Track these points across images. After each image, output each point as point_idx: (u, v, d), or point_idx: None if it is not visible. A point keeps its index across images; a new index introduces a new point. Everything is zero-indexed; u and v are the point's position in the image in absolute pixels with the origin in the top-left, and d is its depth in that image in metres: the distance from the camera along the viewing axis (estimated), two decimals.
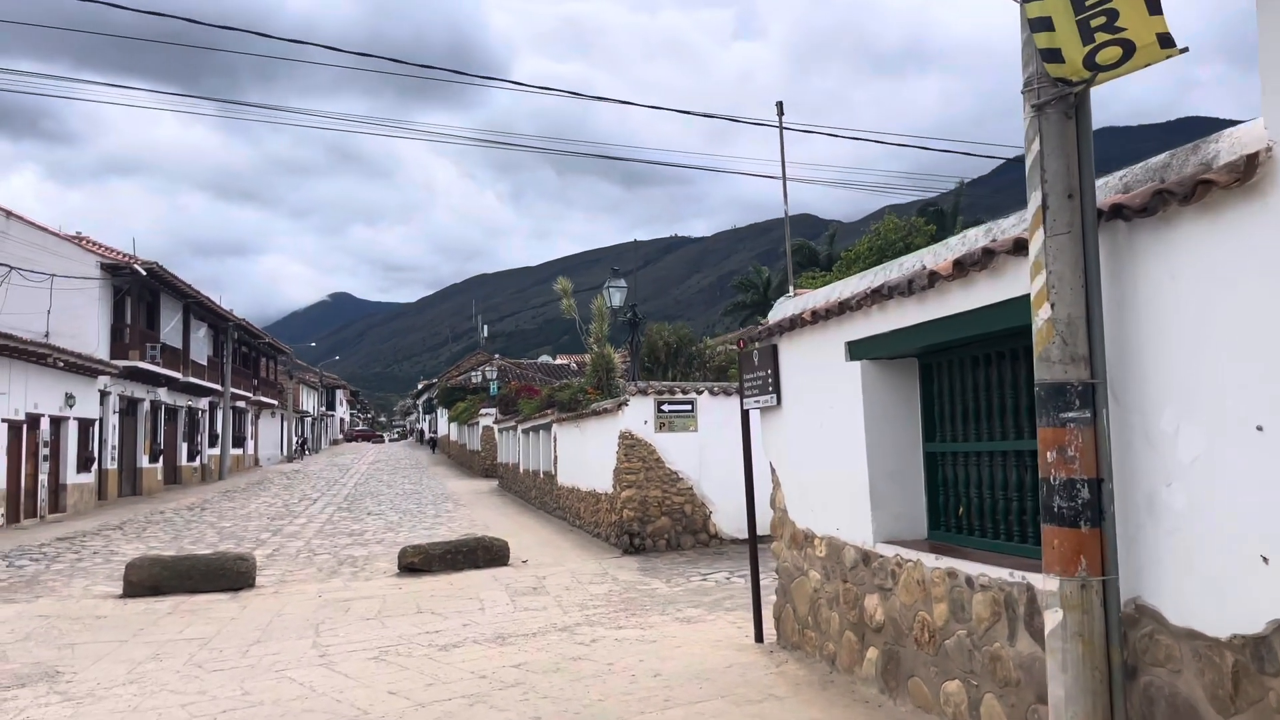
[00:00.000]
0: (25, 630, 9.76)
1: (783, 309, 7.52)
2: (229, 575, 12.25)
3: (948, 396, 5.80)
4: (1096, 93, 3.77)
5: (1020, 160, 3.97)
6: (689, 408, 14.67)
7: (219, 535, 19.03)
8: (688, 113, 13.20)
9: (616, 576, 12.37)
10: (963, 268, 4.80)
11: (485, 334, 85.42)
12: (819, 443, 6.79)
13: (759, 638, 7.88)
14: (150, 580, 11.94)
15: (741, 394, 8.06)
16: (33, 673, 7.97)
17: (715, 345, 25.68)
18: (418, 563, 13.10)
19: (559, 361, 62.61)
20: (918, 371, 6.10)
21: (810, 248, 66.15)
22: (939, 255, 5.31)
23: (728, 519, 14.65)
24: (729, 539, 14.67)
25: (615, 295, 15.30)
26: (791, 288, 7.96)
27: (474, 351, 72.39)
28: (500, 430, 32.41)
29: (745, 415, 8.09)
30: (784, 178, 8.03)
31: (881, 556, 5.94)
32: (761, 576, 8.68)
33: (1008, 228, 4.70)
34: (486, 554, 13.50)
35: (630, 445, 14.47)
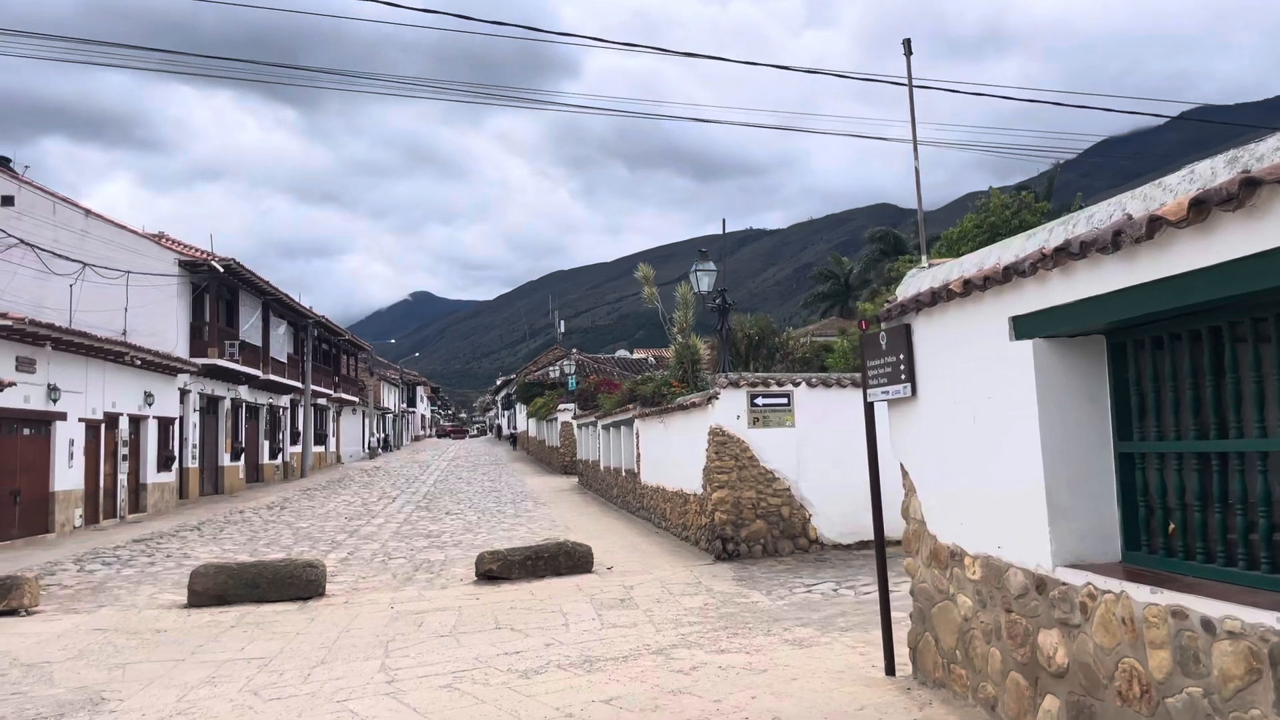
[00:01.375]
0: (79, 647, 9.08)
1: (917, 282, 6.34)
2: (298, 584, 11.50)
3: (1152, 382, 4.57)
4: (1189, 71, 2.55)
5: (1114, 140, 2.79)
6: (785, 401, 13.50)
7: (295, 537, 18.48)
8: (813, 71, 11.97)
9: (711, 587, 11.28)
10: (1203, 208, 3.59)
11: (562, 330, 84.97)
12: (971, 441, 5.61)
13: (890, 670, 6.72)
14: (216, 589, 11.25)
15: (865, 384, 6.90)
16: (76, 699, 7.22)
17: (799, 336, 24.44)
18: (496, 570, 12.20)
19: (637, 356, 61.74)
20: (1106, 352, 4.88)
21: (895, 235, 64.10)
22: (1151, 199, 4.09)
23: (829, 523, 13.45)
24: (831, 544, 13.47)
25: (703, 279, 14.17)
26: (925, 258, 6.77)
27: (551, 347, 71.99)
28: (579, 426, 31.59)
29: (869, 409, 6.92)
30: (913, 124, 6.84)
31: (1064, 584, 4.74)
32: (870, 590, 7.47)
33: (1267, 153, 3.48)
34: (569, 560, 12.54)
35: (721, 442, 13.37)
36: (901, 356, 6.37)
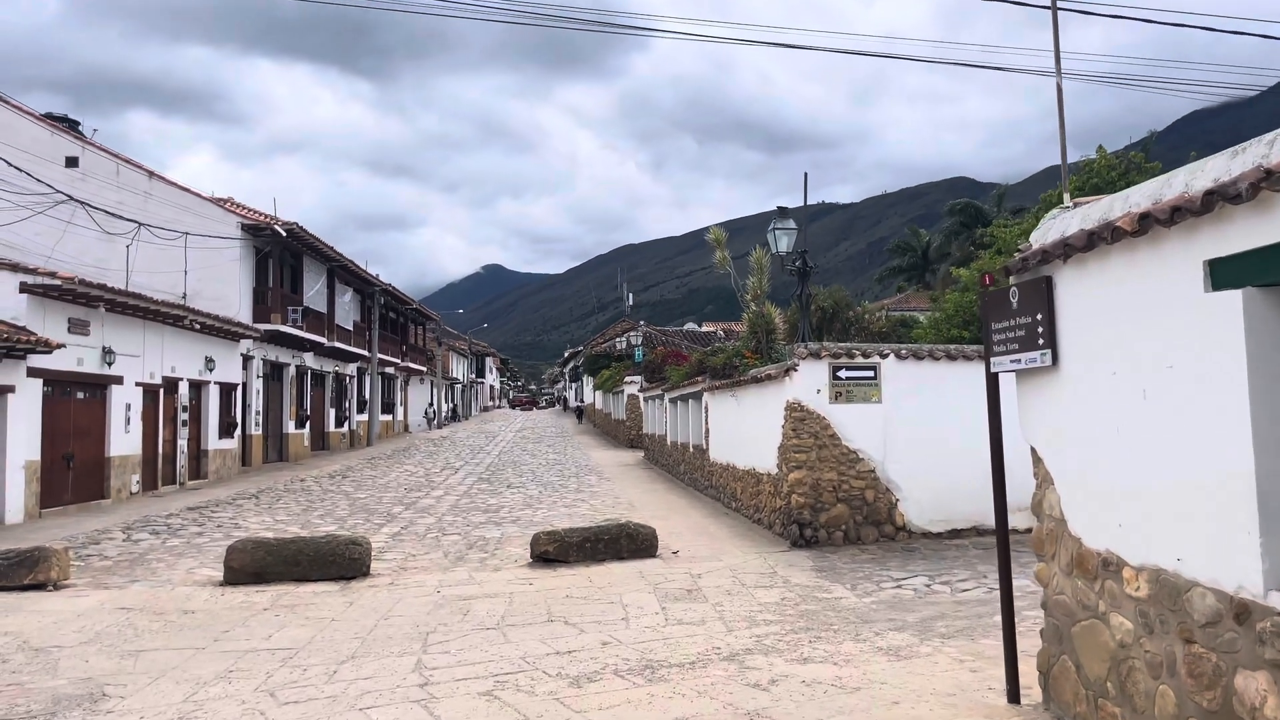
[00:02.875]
0: (96, 629, 8.36)
1: (1061, 223, 5.12)
2: (340, 562, 10.69)
3: None
4: None
5: (1203, 113, 1.59)
6: (871, 374, 12.27)
7: (351, 508, 17.84)
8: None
9: (788, 578, 10.17)
10: None
11: (630, 303, 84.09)
12: (1139, 421, 4.40)
13: (1014, 697, 5.56)
14: (253, 566, 10.50)
15: (988, 351, 5.70)
16: (74, 694, 6.43)
17: (874, 310, 23.05)
18: (552, 552, 11.26)
19: (706, 329, 60.53)
20: None
21: (976, 206, 61.62)
22: None
23: (918, 508, 12.22)
24: (919, 532, 12.24)
25: (782, 239, 12.92)
26: (1066, 196, 5.53)
27: (619, 320, 71.10)
28: (646, 399, 30.60)
29: (993, 382, 5.73)
30: (1058, 58, 5.59)
31: None
32: (969, 587, 6.22)
33: None
34: (631, 543, 11.53)
35: (799, 418, 12.20)
36: (1039, 317, 5.17)
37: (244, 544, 10.70)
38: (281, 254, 28.57)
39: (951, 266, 33.42)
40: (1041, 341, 5.15)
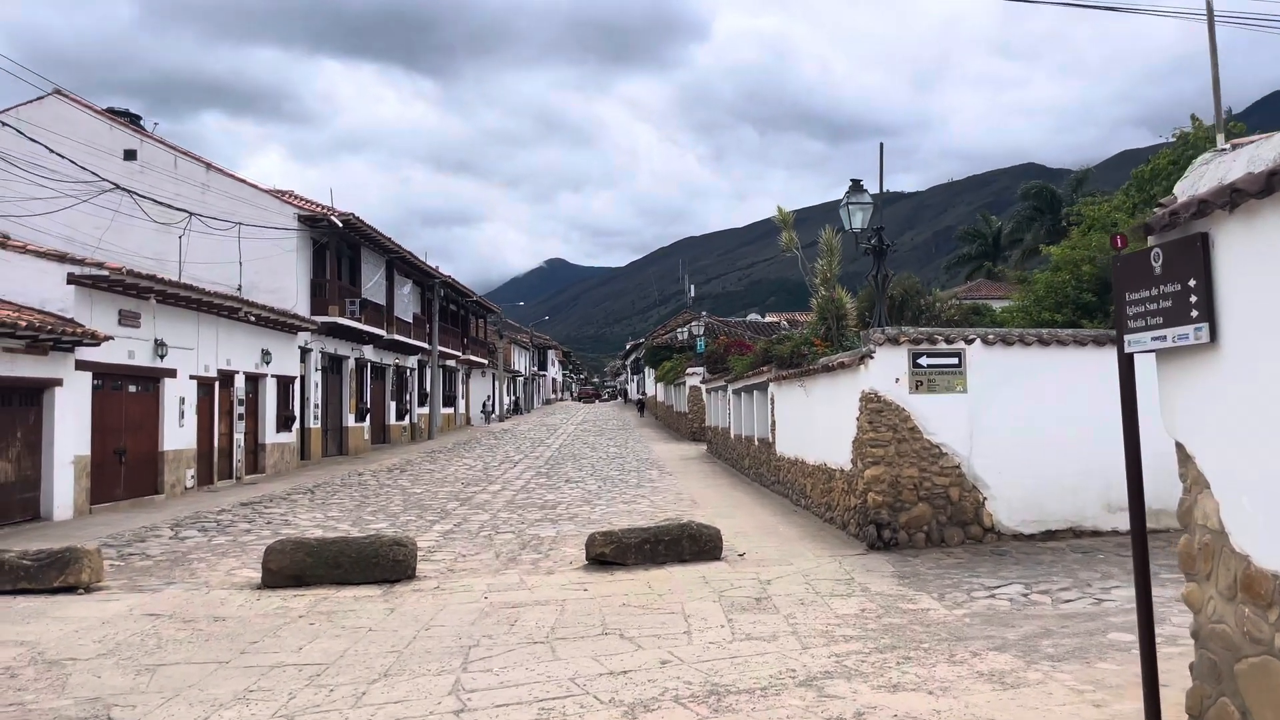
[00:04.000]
0: (118, 639, 7.78)
1: (1219, 169, 4.16)
2: (384, 564, 10.04)
3: None
4: None
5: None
6: (955, 361, 11.25)
7: (405, 503, 17.30)
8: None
9: (867, 586, 9.25)
10: None
11: (692, 294, 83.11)
12: None
13: None
14: (293, 568, 9.90)
15: (1120, 328, 4.74)
16: (78, 716, 5.82)
17: (945, 298, 21.87)
18: (609, 554, 10.48)
19: (769, 319, 59.33)
20: None
21: (1051, 191, 59.43)
22: None
23: (1008, 508, 11.18)
24: (1010, 534, 11.20)
25: (856, 214, 11.87)
26: (1220, 138, 4.55)
27: (681, 311, 70.22)
28: (708, 391, 29.71)
29: (1126, 363, 4.77)
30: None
31: None
32: (1071, 598, 5.25)
33: None
34: (693, 544, 10.70)
35: (876, 409, 11.23)
36: (1192, 283, 4.21)
37: (283, 545, 10.11)
38: (339, 245, 28.25)
39: (1042, 245, 31.88)
40: (1195, 314, 4.19)
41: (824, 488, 13.55)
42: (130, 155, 25.18)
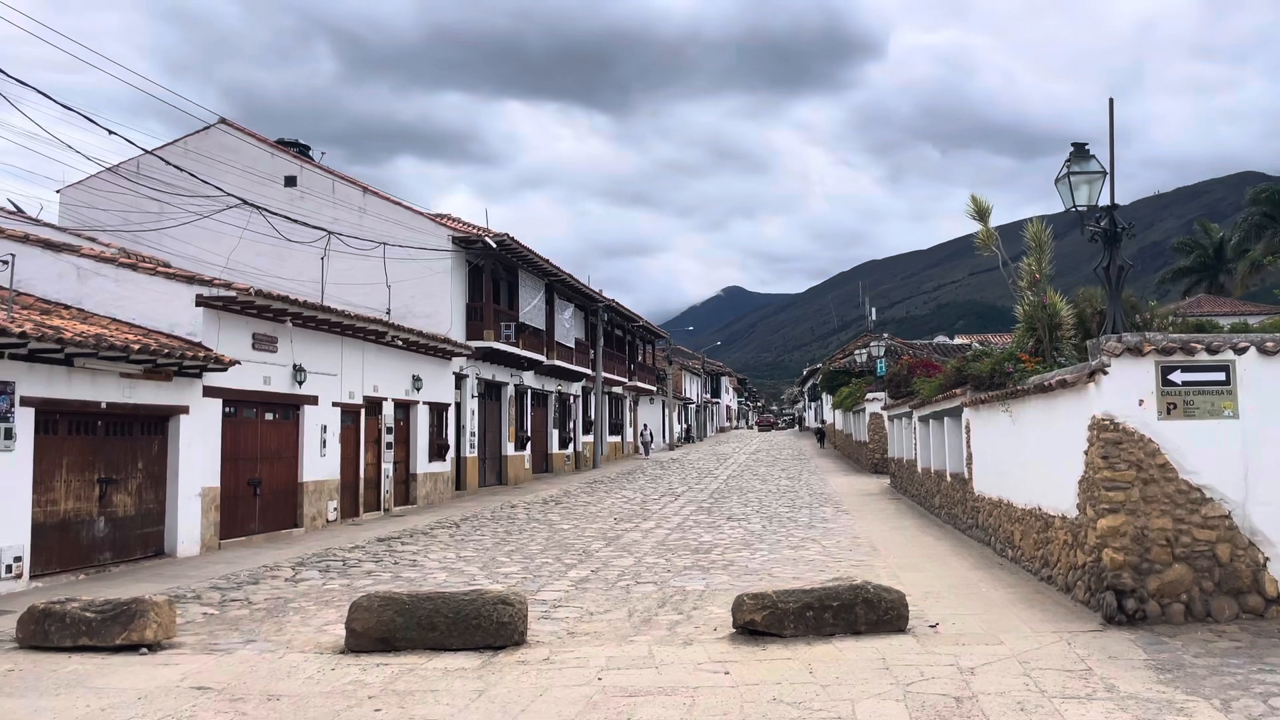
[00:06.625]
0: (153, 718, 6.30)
1: None
2: (485, 627, 8.28)
3: None
4: None
5: None
6: (1221, 377, 8.53)
7: (546, 543, 15.67)
8: None
9: (1112, 682, 6.73)
10: None
11: (873, 318, 79.37)
12: None
13: None
14: (380, 629, 8.28)
15: None
16: None
17: (1165, 314, 18.48)
18: (760, 622, 8.33)
19: (958, 341, 55.29)
20: None
21: None
22: None
23: None
24: None
25: (1080, 189, 9.24)
26: None
27: (861, 335, 66.83)
28: (890, 418, 26.91)
29: None
30: None
31: None
32: None
33: None
34: (869, 612, 8.41)
35: (1113, 441, 8.63)
36: None
37: (370, 601, 8.50)
38: (495, 268, 27.31)
39: (1272, 256, 27.64)
40: None
41: (1038, 538, 10.90)
42: (290, 181, 25.11)
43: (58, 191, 25.20)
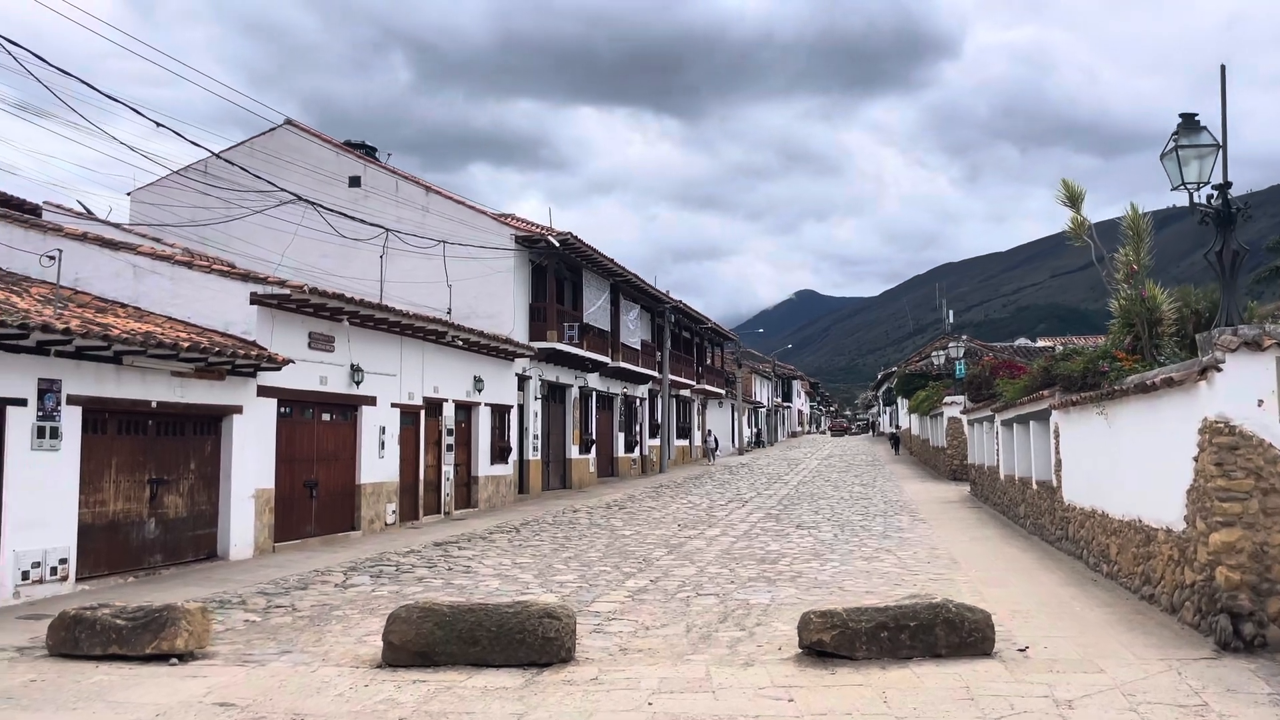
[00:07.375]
0: None
1: None
2: (530, 643, 7.69)
3: None
4: None
5: None
6: None
7: (606, 550, 15.09)
8: None
9: (1231, 719, 5.86)
10: None
11: (951, 320, 77.36)
12: None
13: None
14: (418, 643, 7.75)
15: None
16: None
17: (1265, 314, 17.12)
18: (829, 642, 7.59)
19: (1041, 344, 53.40)
20: None
21: None
22: None
23: None
24: None
25: (1191, 163, 8.24)
26: None
27: (938, 339, 65.06)
28: (970, 422, 25.75)
29: None
30: None
31: None
32: None
33: None
34: (950, 634, 7.60)
35: (1228, 446, 7.69)
36: None
37: (409, 612, 7.97)
38: (558, 267, 26.87)
39: None
40: None
41: (1137, 553, 9.94)
42: (354, 182, 25.01)
43: (128, 194, 25.48)
